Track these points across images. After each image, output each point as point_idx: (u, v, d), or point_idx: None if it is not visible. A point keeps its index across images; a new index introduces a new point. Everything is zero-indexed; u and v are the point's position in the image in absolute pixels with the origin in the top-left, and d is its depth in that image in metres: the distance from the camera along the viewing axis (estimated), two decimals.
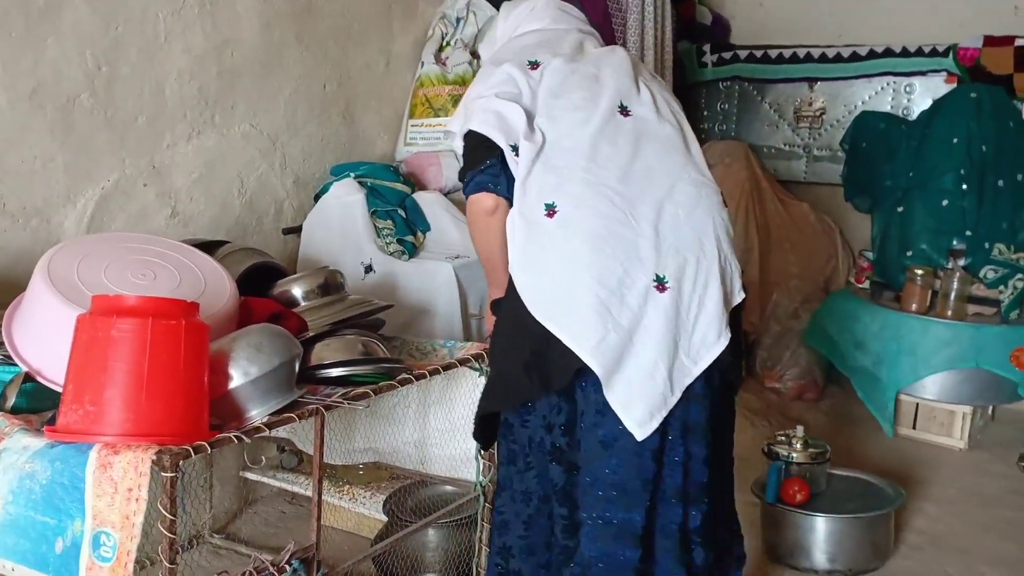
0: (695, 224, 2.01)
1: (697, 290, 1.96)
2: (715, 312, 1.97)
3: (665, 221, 1.99)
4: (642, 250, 1.95)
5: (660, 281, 1.93)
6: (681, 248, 1.98)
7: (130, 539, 1.59)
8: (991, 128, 4.01)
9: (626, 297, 1.91)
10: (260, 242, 3.12)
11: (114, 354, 1.63)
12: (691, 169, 2.08)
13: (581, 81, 2.12)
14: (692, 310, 1.96)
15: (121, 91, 2.69)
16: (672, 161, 2.07)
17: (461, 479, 2.60)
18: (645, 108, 2.12)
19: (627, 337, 1.91)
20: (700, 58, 4.90)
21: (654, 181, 2.02)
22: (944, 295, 3.98)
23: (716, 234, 2.03)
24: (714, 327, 1.97)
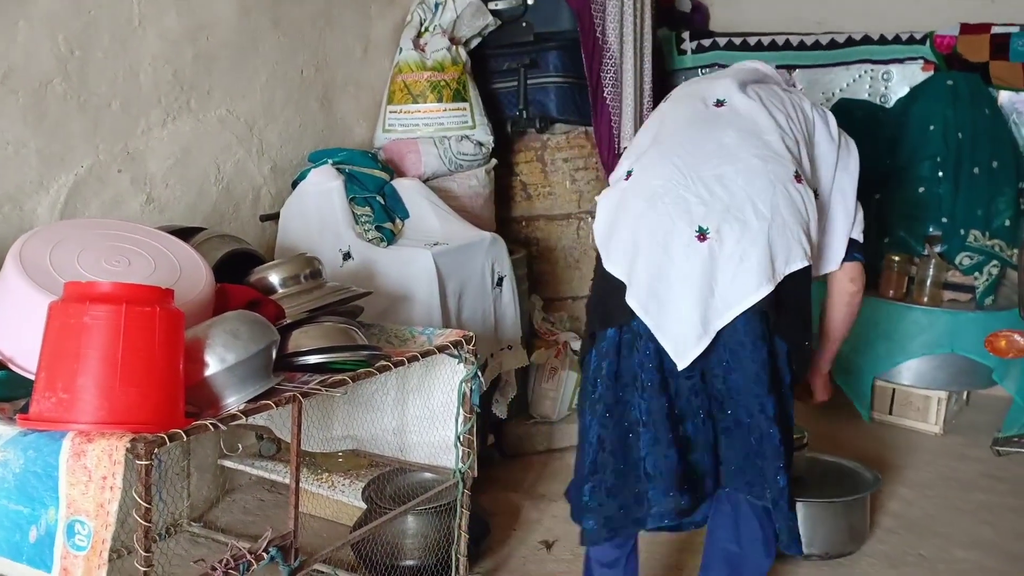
0: (752, 189, 2.13)
1: (742, 244, 2.08)
2: (757, 266, 2.07)
3: (724, 185, 2.14)
4: (693, 206, 2.12)
5: (702, 232, 2.09)
6: (732, 207, 2.11)
7: (105, 527, 1.58)
8: (967, 115, 4.04)
9: (670, 247, 2.10)
10: (237, 229, 3.09)
11: (87, 341, 1.62)
12: (765, 149, 2.20)
13: (695, 88, 2.45)
14: (733, 260, 2.07)
15: (94, 76, 2.66)
16: (748, 142, 2.21)
17: (440, 466, 2.60)
18: (740, 103, 2.29)
19: (667, 282, 2.09)
20: (679, 45, 4.88)
21: (724, 155, 2.19)
22: (920, 282, 4.01)
23: (774, 201, 2.12)
24: (753, 278, 2.06)
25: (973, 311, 3.94)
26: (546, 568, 2.85)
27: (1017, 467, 3.46)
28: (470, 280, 3.13)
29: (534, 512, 3.20)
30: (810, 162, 2.30)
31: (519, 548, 2.96)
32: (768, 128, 2.24)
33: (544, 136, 4.00)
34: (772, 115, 2.27)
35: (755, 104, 2.28)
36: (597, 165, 4.05)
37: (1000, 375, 3.86)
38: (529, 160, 4.04)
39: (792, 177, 2.17)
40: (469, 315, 3.12)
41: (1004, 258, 3.98)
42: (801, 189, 2.17)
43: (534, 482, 3.44)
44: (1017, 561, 2.89)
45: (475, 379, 2.43)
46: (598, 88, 3.92)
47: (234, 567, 1.80)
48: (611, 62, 3.92)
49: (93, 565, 1.59)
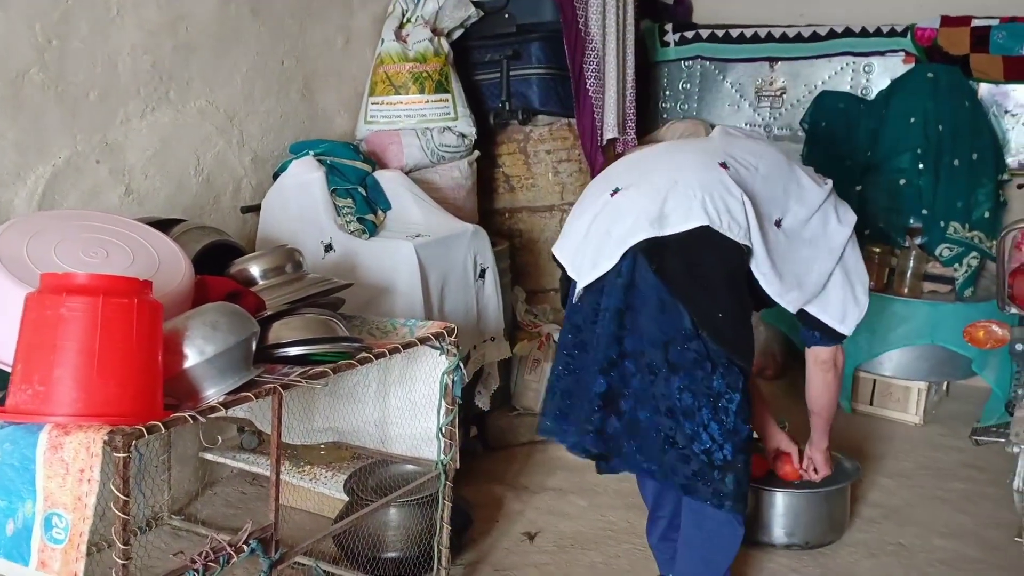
0: (672, 165, 2.35)
1: (642, 196, 2.26)
2: (646, 214, 2.22)
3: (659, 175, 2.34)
4: (615, 181, 2.39)
5: (616, 190, 2.33)
6: (649, 174, 2.34)
7: (82, 520, 1.57)
8: (947, 108, 4.05)
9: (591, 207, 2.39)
10: (218, 221, 3.08)
11: (64, 333, 1.60)
12: (708, 158, 2.35)
13: None
14: (631, 209, 2.25)
15: (72, 66, 2.64)
16: (694, 158, 2.39)
17: (422, 458, 2.60)
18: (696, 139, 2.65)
19: (577, 227, 2.38)
20: (662, 37, 4.89)
21: (671, 164, 2.38)
22: (901, 273, 4.03)
23: (689, 172, 2.29)
24: (641, 223, 2.22)
25: (953, 302, 3.97)
26: (529, 559, 2.85)
27: (995, 456, 3.49)
28: (452, 272, 3.12)
29: (517, 503, 3.20)
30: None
31: (502, 539, 2.97)
32: (715, 152, 2.39)
33: (527, 128, 4.00)
34: (724, 143, 2.48)
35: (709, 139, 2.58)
36: (580, 157, 4.05)
37: (979, 365, 3.89)
38: (512, 152, 4.03)
39: (719, 165, 2.30)
40: (451, 307, 3.12)
41: (983, 249, 4.01)
42: (728, 172, 2.28)
43: (517, 474, 3.45)
44: (995, 549, 2.92)
45: (457, 371, 2.43)
46: (581, 80, 3.92)
47: (214, 560, 1.79)
48: (594, 54, 3.92)
49: (71, 558, 1.58)
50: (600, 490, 3.29)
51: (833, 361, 2.58)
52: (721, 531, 2.34)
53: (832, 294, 2.41)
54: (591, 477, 3.33)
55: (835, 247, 2.40)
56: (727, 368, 2.20)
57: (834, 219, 2.42)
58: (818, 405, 2.70)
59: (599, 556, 2.88)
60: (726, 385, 2.20)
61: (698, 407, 2.20)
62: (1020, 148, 4.21)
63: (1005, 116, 4.21)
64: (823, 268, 2.39)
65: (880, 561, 2.86)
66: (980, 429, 2.89)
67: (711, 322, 2.19)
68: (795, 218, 2.36)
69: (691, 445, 2.21)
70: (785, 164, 2.43)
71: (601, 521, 3.10)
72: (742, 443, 2.23)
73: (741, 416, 2.22)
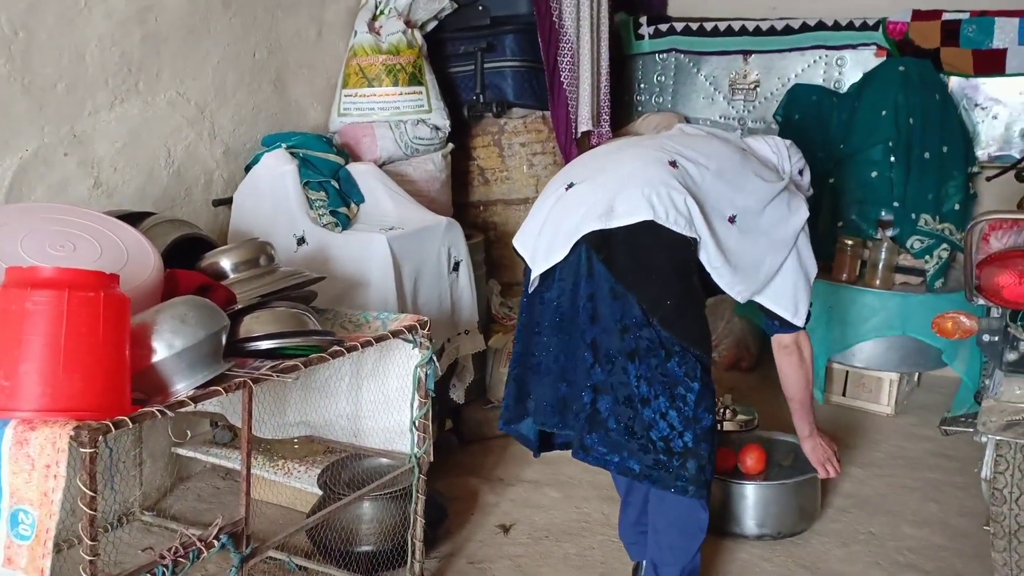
0: (622, 163, 2.42)
1: (592, 192, 2.34)
2: (594, 208, 2.30)
3: (611, 171, 2.42)
4: (572, 177, 2.47)
5: (570, 185, 2.42)
6: (601, 172, 2.42)
7: (49, 516, 1.56)
8: (918, 101, 4.08)
9: (546, 202, 2.47)
10: (189, 214, 3.05)
11: (29, 327, 1.59)
12: (658, 156, 2.40)
13: None
14: (581, 204, 2.33)
15: (39, 57, 2.60)
16: (645, 156, 2.43)
17: (396, 451, 2.59)
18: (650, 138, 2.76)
19: (534, 221, 2.47)
20: (637, 30, 4.90)
21: (623, 162, 2.44)
22: (873, 265, 4.06)
23: (638, 169, 2.36)
24: (589, 217, 2.29)
25: (924, 294, 4.00)
26: (503, 551, 2.86)
27: (964, 446, 3.53)
28: (426, 265, 3.11)
29: (492, 496, 3.21)
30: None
31: (476, 532, 2.97)
32: (662, 150, 2.44)
33: (501, 120, 3.99)
34: (675, 139, 2.55)
35: (656, 137, 2.62)
36: (554, 149, 4.05)
37: (949, 356, 3.93)
38: (486, 144, 4.03)
39: (667, 163, 2.37)
40: (425, 300, 3.11)
41: (954, 242, 4.04)
42: (675, 172, 2.34)
43: (492, 466, 3.45)
44: (963, 537, 2.95)
45: (430, 364, 2.43)
46: (555, 73, 3.92)
47: (184, 555, 1.78)
48: (568, 46, 3.92)
49: (38, 555, 1.57)
50: (575, 482, 3.30)
51: (796, 345, 2.64)
52: (686, 517, 2.37)
53: (784, 286, 2.49)
54: (566, 469, 3.34)
55: (787, 239, 2.47)
56: (682, 356, 2.24)
57: (786, 212, 2.49)
58: (791, 391, 2.77)
59: (573, 548, 2.89)
60: (683, 373, 2.24)
61: (655, 395, 2.24)
62: (990, 141, 4.26)
63: (975, 109, 4.25)
64: (774, 261, 2.46)
65: (850, 550, 2.88)
66: (949, 419, 2.91)
67: (660, 310, 2.24)
68: (748, 213, 2.42)
69: (649, 433, 2.24)
70: (739, 162, 2.49)
71: (575, 513, 3.11)
72: (704, 431, 2.26)
73: (702, 404, 2.25)
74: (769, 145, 2.69)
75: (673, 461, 2.24)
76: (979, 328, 2.52)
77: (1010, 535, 2.34)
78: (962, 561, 2.82)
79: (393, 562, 2.60)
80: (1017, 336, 2.42)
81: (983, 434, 2.37)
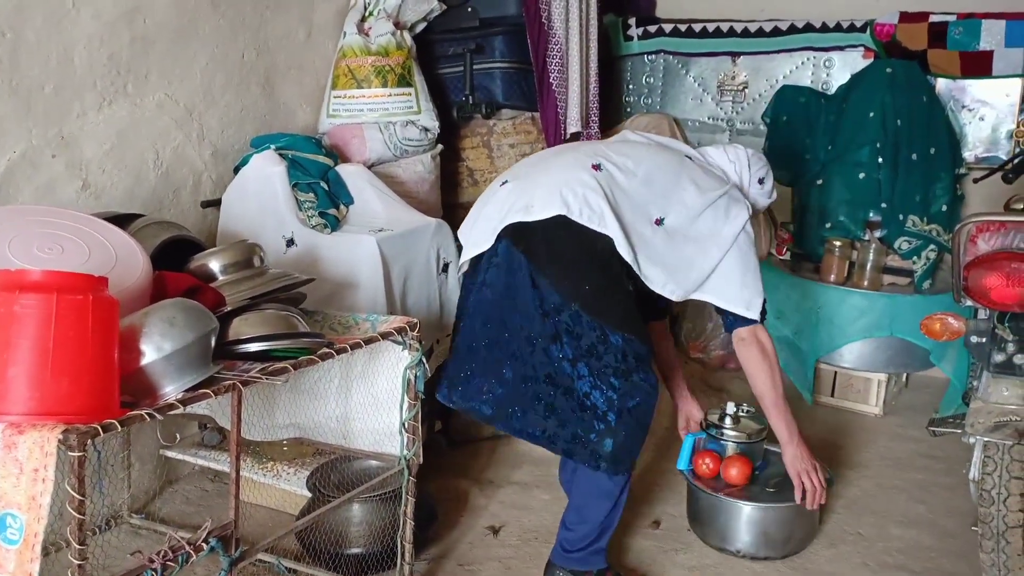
0: (549, 170, 2.57)
1: (515, 190, 2.55)
2: (514, 204, 2.50)
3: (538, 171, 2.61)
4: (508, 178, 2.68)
5: (505, 182, 2.62)
6: (530, 175, 2.60)
7: (37, 520, 1.54)
8: (905, 102, 4.11)
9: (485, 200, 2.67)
10: (177, 215, 3.04)
11: (17, 331, 1.58)
12: (584, 159, 2.55)
13: None
14: (507, 200, 2.53)
15: (26, 58, 2.59)
16: (571, 159, 2.60)
17: (386, 453, 2.59)
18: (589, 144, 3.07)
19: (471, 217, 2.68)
20: (625, 31, 4.91)
21: (550, 163, 2.62)
22: (861, 266, 4.08)
23: (559, 172, 2.52)
24: (512, 211, 2.49)
25: (911, 295, 4.02)
26: (492, 553, 2.86)
27: (952, 446, 3.55)
28: (415, 266, 3.11)
29: (481, 498, 3.20)
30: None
31: (466, 534, 2.97)
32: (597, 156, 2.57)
33: (490, 122, 3.99)
34: (624, 162, 2.59)
35: (614, 155, 2.61)
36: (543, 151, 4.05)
37: (937, 357, 3.95)
38: (475, 146, 4.02)
39: (591, 166, 2.51)
40: (414, 301, 3.11)
41: (941, 243, 4.07)
42: (597, 175, 2.49)
43: (481, 468, 3.45)
44: (951, 537, 2.97)
45: (420, 365, 2.42)
46: (544, 74, 3.92)
47: (172, 559, 1.77)
48: (557, 48, 3.92)
49: (26, 559, 1.56)
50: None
51: (754, 338, 2.64)
52: (594, 488, 2.52)
53: (726, 283, 2.57)
54: (555, 471, 3.33)
55: (722, 243, 2.56)
56: (605, 338, 2.37)
57: (723, 218, 2.57)
58: (758, 387, 2.70)
59: None
60: (607, 354, 2.37)
61: (578, 375, 2.38)
62: (976, 143, 4.28)
63: (962, 111, 4.28)
64: (706, 262, 2.55)
65: (838, 551, 2.90)
66: (937, 420, 2.93)
67: (580, 295, 2.38)
68: (678, 217, 2.53)
69: (569, 411, 2.39)
70: (674, 170, 2.60)
71: None
72: (627, 411, 2.38)
73: (626, 385, 2.37)
74: (728, 154, 2.78)
75: (591, 436, 2.39)
76: (967, 329, 2.53)
77: (998, 536, 2.35)
78: (950, 561, 2.83)
79: (382, 564, 2.59)
80: (1004, 337, 2.43)
81: (971, 435, 2.39)
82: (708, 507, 2.87)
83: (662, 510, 3.13)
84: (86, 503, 1.57)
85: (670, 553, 2.87)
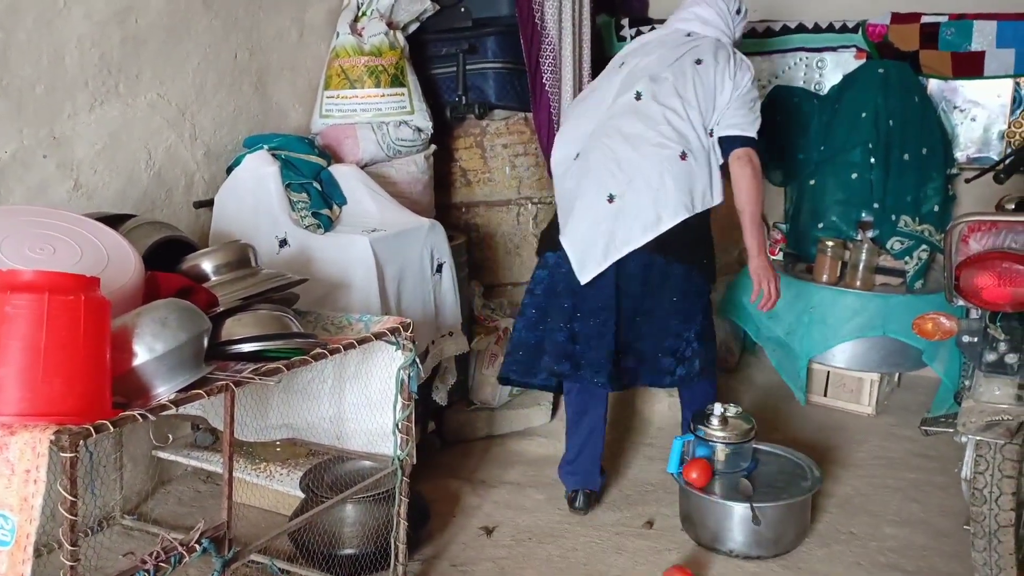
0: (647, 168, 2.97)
1: (636, 205, 2.94)
2: (645, 220, 2.93)
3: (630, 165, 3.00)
4: (606, 180, 3.01)
5: (611, 197, 2.97)
6: (633, 181, 2.97)
7: (29, 522, 1.54)
8: (898, 103, 4.11)
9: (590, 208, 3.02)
10: (170, 216, 3.04)
11: (8, 331, 1.58)
12: (661, 137, 3.01)
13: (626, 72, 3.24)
14: (629, 216, 2.94)
15: (17, 58, 2.58)
16: (651, 131, 3.04)
17: (379, 454, 2.58)
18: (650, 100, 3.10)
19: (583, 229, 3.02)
20: (618, 32, 4.90)
21: (633, 143, 3.04)
22: (853, 266, 4.08)
23: (662, 177, 2.96)
24: (640, 228, 2.93)
25: (904, 295, 4.03)
26: (486, 553, 2.85)
27: (944, 446, 3.56)
28: (409, 266, 3.11)
29: (474, 498, 3.20)
30: (712, 103, 3.04)
31: (459, 534, 2.97)
32: (665, 119, 2.98)
33: (483, 122, 3.99)
34: (672, 105, 3.01)
35: (662, 98, 3.02)
36: (537, 151, 4.05)
37: (929, 357, 3.95)
38: (468, 146, 4.02)
39: (678, 157, 2.95)
40: (408, 302, 3.11)
41: (933, 243, 4.08)
42: (684, 165, 2.95)
43: (474, 468, 3.45)
44: (943, 536, 2.98)
45: (413, 366, 2.42)
46: (537, 74, 3.92)
47: (165, 560, 1.77)
48: (550, 48, 3.92)
49: (17, 560, 1.55)
50: (557, 484, 3.30)
51: (748, 158, 3.02)
52: (702, 396, 3.16)
53: (736, 115, 3.06)
54: (548, 471, 3.35)
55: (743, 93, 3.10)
56: (705, 293, 3.09)
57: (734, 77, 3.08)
58: (743, 200, 3.05)
59: (556, 549, 2.89)
60: (701, 308, 3.07)
61: (687, 329, 3.03)
62: (968, 143, 4.29)
63: (954, 112, 4.28)
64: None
65: (831, 550, 2.90)
66: (930, 419, 2.93)
67: (704, 267, 3.08)
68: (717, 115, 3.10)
69: (680, 355, 3.03)
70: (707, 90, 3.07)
71: (558, 515, 3.11)
72: (710, 340, 3.15)
73: (708, 319, 3.12)
74: (707, 11, 3.18)
75: (695, 363, 3.06)
76: (959, 329, 2.54)
77: (990, 535, 2.36)
78: (943, 560, 2.84)
79: (376, 565, 2.59)
80: (996, 337, 2.44)
81: (963, 434, 2.39)
82: (700, 507, 2.88)
83: (655, 510, 3.13)
84: (78, 504, 1.56)
85: (663, 553, 2.87)
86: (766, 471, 3.02)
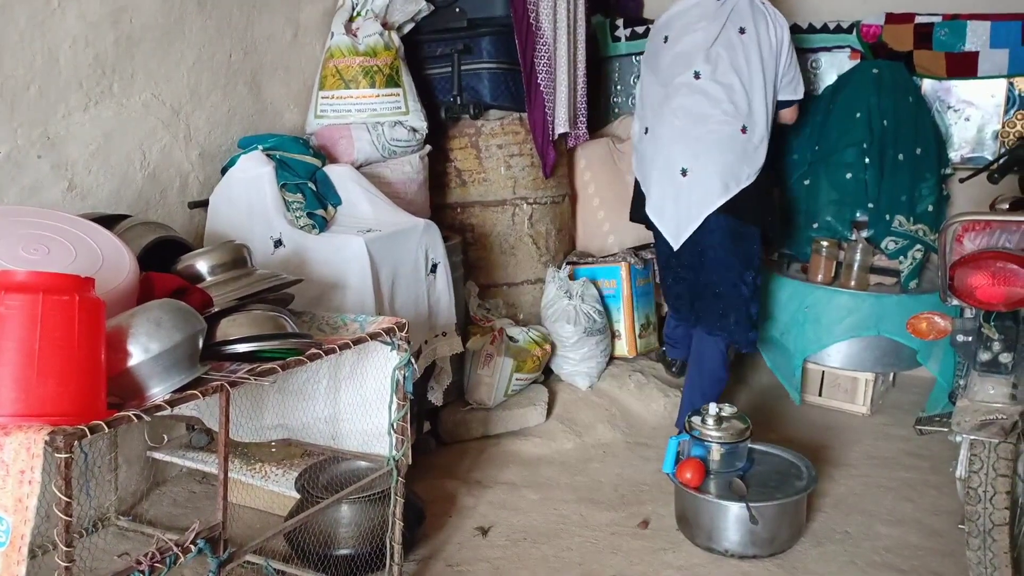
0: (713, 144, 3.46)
1: (705, 177, 3.42)
2: (713, 190, 3.40)
3: (697, 141, 3.48)
4: (677, 155, 3.50)
5: (684, 171, 3.45)
6: (700, 155, 3.47)
7: (23, 523, 1.54)
8: (891, 103, 4.12)
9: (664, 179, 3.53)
10: (164, 216, 3.03)
11: (2, 332, 1.57)
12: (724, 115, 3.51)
13: (683, 50, 3.67)
14: (699, 187, 3.42)
15: (10, 58, 2.57)
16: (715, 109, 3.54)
17: (374, 454, 2.58)
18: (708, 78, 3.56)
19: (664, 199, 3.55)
20: (613, 32, 4.91)
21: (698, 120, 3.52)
22: (848, 266, 4.09)
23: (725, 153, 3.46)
24: (710, 197, 3.41)
25: (898, 294, 4.04)
26: (481, 554, 2.86)
27: (938, 445, 3.57)
28: (403, 266, 3.11)
29: (470, 498, 3.20)
30: (770, 72, 3.51)
31: (455, 535, 2.97)
32: (728, 98, 3.42)
33: (478, 122, 3.99)
34: (730, 82, 3.44)
35: (720, 76, 3.44)
36: (532, 151, 4.06)
37: (923, 356, 3.97)
38: (463, 146, 4.02)
39: (739, 131, 3.42)
40: (403, 302, 3.11)
41: (927, 242, 4.08)
42: (744, 139, 3.42)
43: (470, 468, 3.45)
44: (937, 536, 2.98)
45: (408, 366, 2.42)
46: (532, 74, 3.92)
47: (160, 560, 1.76)
48: (545, 49, 3.92)
49: (12, 561, 1.55)
50: (552, 484, 3.31)
51: (793, 111, 3.76)
52: (714, 368, 3.63)
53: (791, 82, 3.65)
54: (543, 471, 3.35)
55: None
56: (760, 253, 3.57)
57: (776, 32, 3.61)
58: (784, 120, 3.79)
59: (551, 549, 2.89)
60: (758, 264, 3.54)
61: (751, 292, 3.51)
62: (962, 143, 4.30)
63: (948, 112, 4.30)
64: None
65: (826, 549, 2.91)
66: (924, 419, 2.94)
67: (771, 228, 3.65)
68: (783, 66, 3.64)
69: (736, 305, 3.50)
70: (752, 65, 3.52)
71: (553, 515, 3.11)
72: (759, 297, 3.64)
73: (760, 277, 3.60)
74: None
75: (746, 312, 3.54)
76: (953, 329, 2.54)
77: (984, 534, 2.37)
78: (937, 560, 2.84)
79: (371, 565, 2.59)
80: (990, 336, 2.45)
81: (957, 434, 2.40)
82: (695, 507, 2.88)
83: (651, 510, 3.13)
84: (73, 505, 1.56)
85: (659, 553, 2.87)
86: (761, 471, 3.02)
